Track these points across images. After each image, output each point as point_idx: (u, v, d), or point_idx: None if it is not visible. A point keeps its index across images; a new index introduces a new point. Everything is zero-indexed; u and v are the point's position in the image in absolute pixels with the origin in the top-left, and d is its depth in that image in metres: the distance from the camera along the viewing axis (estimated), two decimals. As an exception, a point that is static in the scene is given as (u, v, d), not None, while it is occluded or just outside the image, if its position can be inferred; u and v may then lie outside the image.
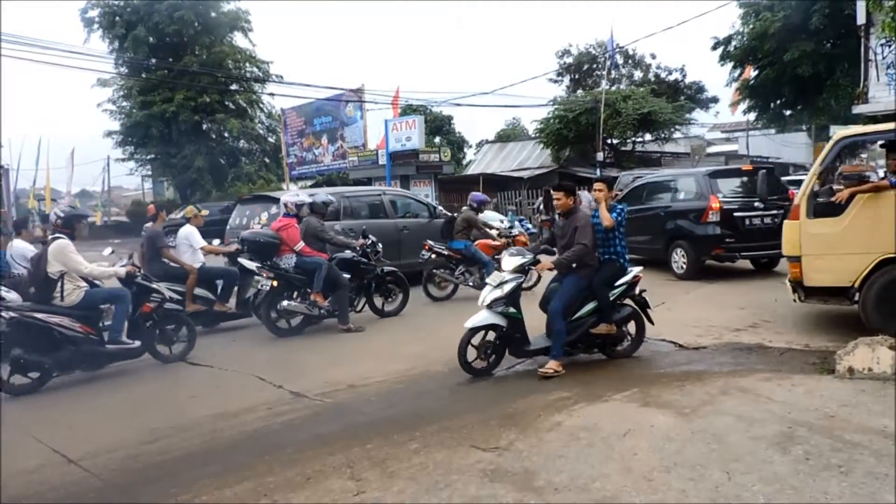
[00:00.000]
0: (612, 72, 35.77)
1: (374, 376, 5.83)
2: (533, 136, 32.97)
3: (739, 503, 3.14)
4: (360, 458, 3.99)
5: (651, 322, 6.04)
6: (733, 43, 23.03)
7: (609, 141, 27.54)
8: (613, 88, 31.26)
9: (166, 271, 7.92)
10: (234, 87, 33.46)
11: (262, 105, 34.46)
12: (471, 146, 44.88)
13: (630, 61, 39.28)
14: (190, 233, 8.36)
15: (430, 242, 9.68)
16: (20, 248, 7.60)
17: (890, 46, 14.24)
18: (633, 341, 6.04)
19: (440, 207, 12.99)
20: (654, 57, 38.81)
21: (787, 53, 19.28)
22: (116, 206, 50.08)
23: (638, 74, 39.27)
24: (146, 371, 6.62)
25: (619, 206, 5.94)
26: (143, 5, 29.59)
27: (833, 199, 6.09)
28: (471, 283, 9.58)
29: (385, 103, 26.96)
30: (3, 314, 5.78)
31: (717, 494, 3.22)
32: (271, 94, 33.77)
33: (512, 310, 5.61)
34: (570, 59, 39.56)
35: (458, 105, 29.70)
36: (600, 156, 25.02)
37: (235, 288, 8.36)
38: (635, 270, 5.94)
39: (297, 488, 3.63)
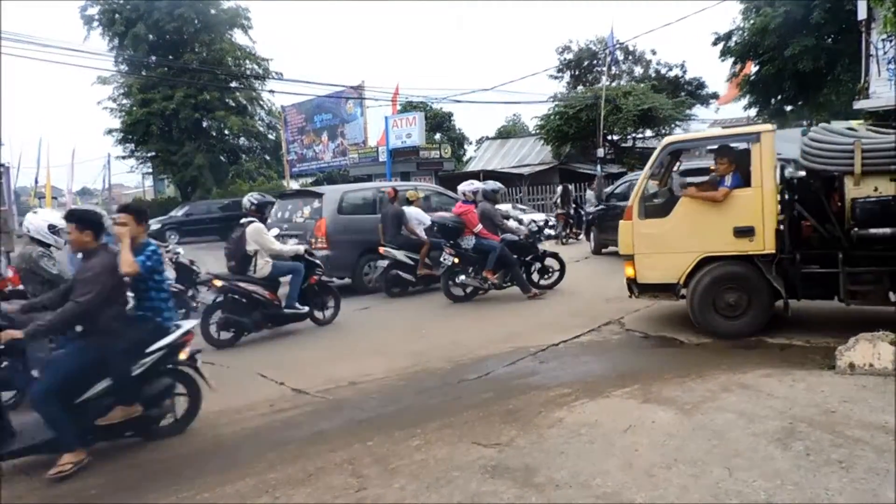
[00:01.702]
0: (613, 68, 35.73)
1: (375, 373, 5.84)
2: (533, 132, 32.96)
3: (740, 500, 3.14)
4: (362, 454, 3.99)
5: (209, 386, 4.75)
6: (734, 38, 22.94)
7: (609, 137, 27.51)
8: (614, 84, 31.20)
9: (406, 242, 9.85)
10: (234, 84, 33.42)
11: (262, 102, 34.47)
12: (471, 143, 44.88)
13: (630, 57, 39.24)
14: (418, 212, 10.23)
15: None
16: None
17: (891, 41, 14.17)
18: (185, 415, 4.67)
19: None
20: (654, 53, 38.82)
21: (788, 49, 19.20)
22: (117, 204, 50.14)
23: (638, 70, 39.23)
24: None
25: (152, 246, 4.56)
26: (142, 3, 29.54)
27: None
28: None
29: (385, 101, 26.96)
30: (216, 283, 7.31)
31: (719, 490, 3.23)
32: (271, 92, 33.84)
33: None
34: (570, 56, 39.49)
35: (459, 102, 29.95)
36: (601, 152, 24.98)
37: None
38: (186, 326, 4.70)
39: (299, 485, 3.64)
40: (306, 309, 7.80)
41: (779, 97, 23.12)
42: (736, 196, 6.07)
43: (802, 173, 6.17)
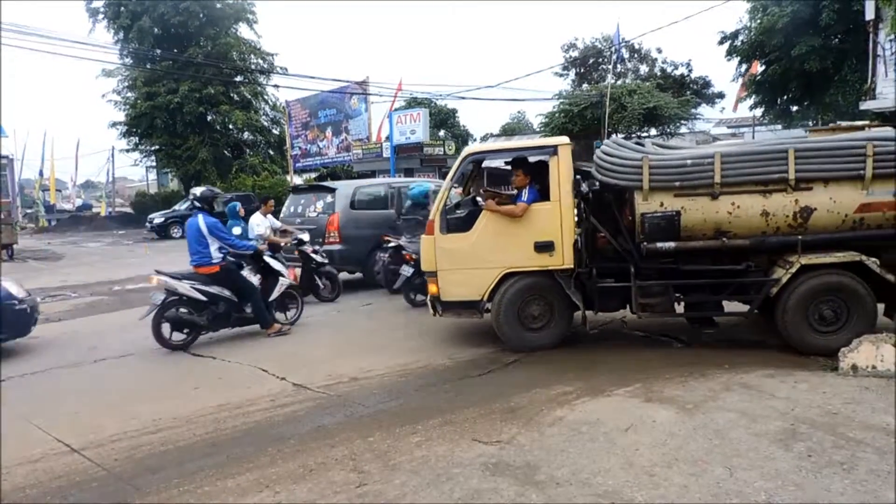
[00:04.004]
0: (618, 66, 35.62)
1: (376, 369, 5.84)
2: (538, 129, 32.85)
3: (741, 499, 3.14)
4: (363, 450, 4.00)
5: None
6: (740, 38, 22.86)
7: (614, 135, 27.42)
8: (619, 83, 31.09)
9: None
10: (238, 78, 33.47)
11: (266, 97, 34.48)
12: (475, 139, 44.77)
13: (636, 55, 39.12)
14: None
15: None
16: (255, 220, 9.03)
17: (898, 42, 14.13)
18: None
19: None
20: (660, 51, 38.69)
21: (795, 49, 19.11)
22: (121, 197, 50.21)
23: (644, 69, 39.10)
24: (150, 362, 6.65)
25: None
26: (147, -3, 29.56)
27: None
28: None
29: (390, 96, 26.91)
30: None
31: (719, 490, 3.22)
32: (276, 86, 33.78)
33: None
34: (575, 53, 39.43)
35: (463, 98, 29.82)
36: (605, 150, 24.85)
37: None
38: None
39: (300, 480, 3.64)
40: None
41: (785, 97, 23.03)
42: (536, 210, 6.02)
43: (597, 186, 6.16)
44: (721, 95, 36.54)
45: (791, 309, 5.52)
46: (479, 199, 6.91)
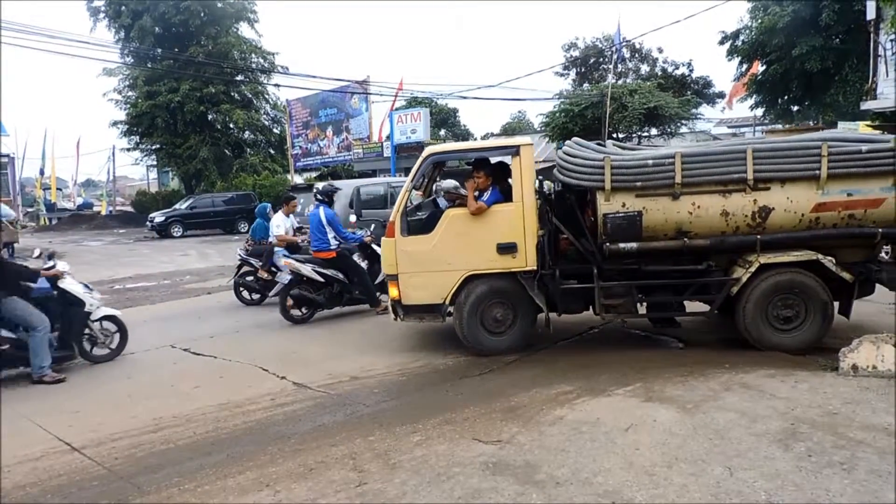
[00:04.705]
0: (619, 66, 35.57)
1: (376, 368, 5.84)
2: (538, 129, 32.85)
3: (740, 499, 3.14)
4: (363, 449, 4.00)
5: None
6: (741, 37, 22.81)
7: (615, 135, 27.39)
8: (620, 82, 31.07)
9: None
10: (239, 77, 33.47)
11: (267, 96, 34.49)
12: (476, 139, 44.77)
13: (637, 55, 39.03)
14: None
15: None
16: (276, 220, 9.06)
17: (900, 42, 14.12)
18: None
19: None
20: (661, 51, 38.58)
21: (796, 48, 19.08)
22: (122, 196, 50.23)
23: (645, 68, 39.03)
24: (151, 361, 6.65)
25: None
26: (148, -5, 29.56)
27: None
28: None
29: (391, 95, 26.90)
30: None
31: (719, 490, 3.22)
32: (277, 86, 33.78)
33: None
34: (576, 53, 39.36)
35: (464, 98, 29.66)
36: (606, 150, 24.84)
37: None
38: None
39: (300, 479, 3.65)
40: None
41: (786, 97, 23.00)
42: (498, 211, 5.93)
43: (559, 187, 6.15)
44: (722, 95, 36.39)
45: (751, 307, 5.61)
46: (439, 199, 6.85)
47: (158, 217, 26.16)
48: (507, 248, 5.88)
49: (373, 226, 9.35)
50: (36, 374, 5.85)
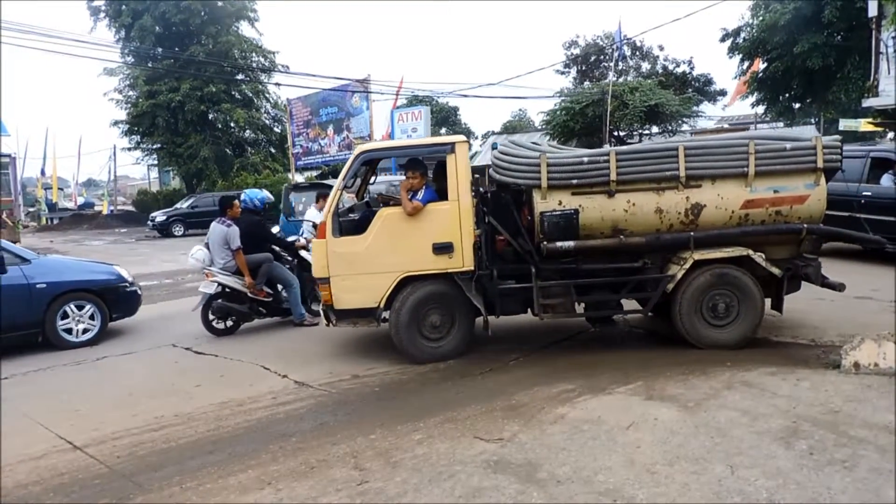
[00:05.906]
0: (620, 63, 35.49)
1: (378, 367, 5.84)
2: (539, 127, 32.79)
3: (742, 498, 3.13)
4: (364, 447, 4.00)
5: None
6: (742, 35, 22.74)
7: (616, 133, 27.40)
8: (620, 80, 31.00)
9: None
10: (240, 77, 33.42)
11: (268, 95, 34.42)
12: (477, 137, 44.77)
13: (638, 53, 38.97)
14: None
15: None
16: (310, 215, 9.16)
17: (901, 39, 14.08)
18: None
19: None
20: (661, 49, 38.50)
21: (797, 46, 19.02)
22: (123, 196, 50.27)
23: (645, 66, 38.96)
24: (152, 359, 6.66)
25: None
26: (149, -6, 29.54)
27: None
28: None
29: (391, 94, 26.89)
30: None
31: (720, 488, 3.22)
32: (277, 85, 33.74)
33: None
34: (577, 51, 39.28)
35: (465, 96, 29.56)
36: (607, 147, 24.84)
37: None
38: None
39: (301, 477, 3.65)
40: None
41: (787, 94, 22.94)
42: (434, 211, 5.76)
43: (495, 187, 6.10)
44: (723, 93, 36.35)
45: (686, 304, 5.70)
46: (370, 199, 6.77)
47: (160, 216, 26.17)
48: (443, 248, 5.72)
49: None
50: (297, 319, 7.67)
